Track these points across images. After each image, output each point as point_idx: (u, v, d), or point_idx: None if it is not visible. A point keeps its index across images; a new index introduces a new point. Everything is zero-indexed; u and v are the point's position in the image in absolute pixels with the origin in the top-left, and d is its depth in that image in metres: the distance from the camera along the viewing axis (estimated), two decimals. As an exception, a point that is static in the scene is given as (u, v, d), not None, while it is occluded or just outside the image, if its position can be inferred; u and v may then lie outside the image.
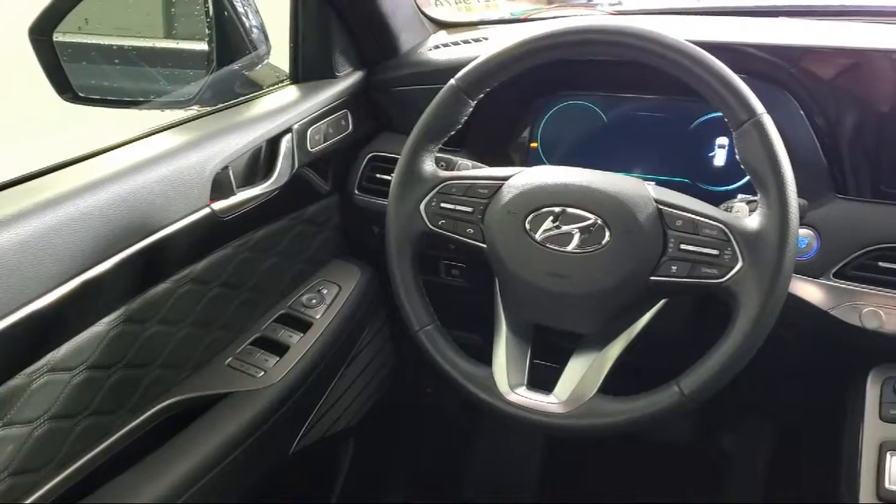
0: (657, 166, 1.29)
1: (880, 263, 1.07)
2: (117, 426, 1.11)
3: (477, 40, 1.43)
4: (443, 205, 1.04)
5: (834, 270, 1.09)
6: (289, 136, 1.27)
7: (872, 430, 1.05)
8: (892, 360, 1.09)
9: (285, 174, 1.27)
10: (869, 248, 1.07)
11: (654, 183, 1.02)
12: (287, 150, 1.27)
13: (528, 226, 0.98)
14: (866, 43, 1.14)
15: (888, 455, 1.01)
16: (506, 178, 1.02)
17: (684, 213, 0.94)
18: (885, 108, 1.08)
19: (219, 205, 1.16)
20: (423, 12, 1.51)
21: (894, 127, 1.08)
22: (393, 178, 1.08)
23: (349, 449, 1.59)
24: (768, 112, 0.92)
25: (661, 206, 0.94)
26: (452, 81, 1.04)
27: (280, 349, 1.30)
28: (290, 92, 1.36)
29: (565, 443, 1.69)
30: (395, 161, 1.09)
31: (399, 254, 1.06)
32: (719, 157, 1.24)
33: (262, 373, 1.26)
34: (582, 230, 0.95)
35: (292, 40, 1.40)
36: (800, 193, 0.94)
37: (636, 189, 0.96)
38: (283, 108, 1.29)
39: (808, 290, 1.09)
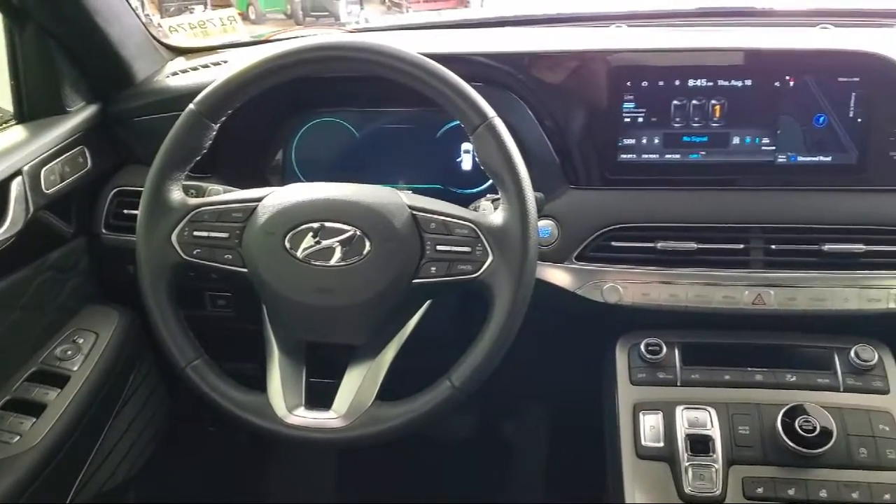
0: (412, 175, 1.34)
1: (613, 243, 1.18)
2: None
3: (216, 64, 1.40)
4: (196, 233, 1.01)
5: (575, 254, 1.18)
6: (19, 178, 1.17)
7: (625, 394, 1.15)
8: (634, 328, 1.21)
9: (19, 220, 1.17)
10: (603, 231, 1.18)
11: (409, 191, 1.05)
12: (19, 195, 1.17)
13: (288, 244, 0.97)
14: (583, 45, 1.25)
15: (641, 415, 1.12)
16: (259, 199, 1.01)
17: (436, 216, 0.98)
18: (604, 105, 1.20)
19: (-57, 261, 1.05)
20: (156, 39, 1.46)
21: (612, 121, 1.20)
22: (139, 210, 1.03)
23: (130, 501, 1.49)
24: (502, 116, 0.99)
25: (414, 212, 0.98)
26: (191, 106, 1.02)
27: (36, 409, 1.20)
28: (16, 132, 1.25)
29: (356, 453, 1.70)
30: (141, 194, 1.04)
31: (154, 290, 1.01)
32: (466, 162, 1.32)
33: (18, 437, 1.15)
34: (343, 243, 0.97)
35: (12, 77, 1.29)
36: (537, 188, 1.02)
37: (390, 198, 1.00)
38: (10, 150, 1.18)
39: (556, 275, 1.18)
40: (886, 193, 1.16)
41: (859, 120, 1.14)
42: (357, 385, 1.00)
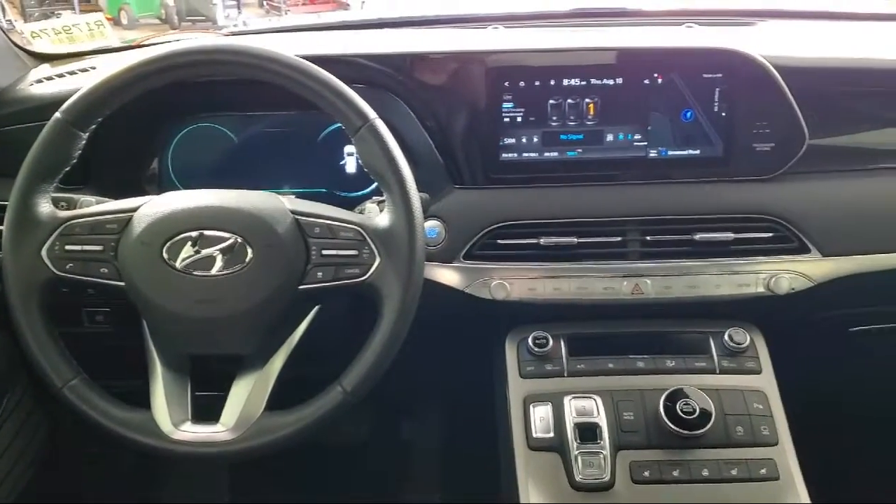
0: (295, 180, 1.32)
1: (499, 241, 1.20)
2: None
3: (84, 70, 1.34)
4: (67, 247, 0.97)
5: (463, 253, 1.20)
6: None
7: (515, 387, 1.17)
8: (522, 323, 1.23)
9: None
10: (488, 229, 1.20)
11: (293, 196, 1.04)
12: None
13: (166, 255, 0.94)
14: (461, 47, 1.26)
15: (531, 407, 1.14)
16: (134, 209, 0.98)
17: (320, 220, 0.97)
18: (483, 105, 1.21)
19: None
20: (18, 45, 1.38)
21: (493, 121, 1.21)
22: (4, 225, 0.97)
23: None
24: (384, 118, 0.99)
25: (297, 217, 0.97)
26: (58, 114, 0.97)
27: None
28: None
29: (249, 465, 1.67)
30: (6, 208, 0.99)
31: (24, 308, 0.96)
32: (350, 165, 1.31)
33: None
34: (223, 251, 0.94)
35: None
36: (422, 189, 1.03)
37: (271, 203, 0.98)
38: None
39: (444, 275, 1.19)
40: (751, 183, 1.22)
41: (723, 114, 1.20)
42: (245, 396, 0.98)
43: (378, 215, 1.00)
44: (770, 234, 1.20)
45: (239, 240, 0.94)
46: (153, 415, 0.97)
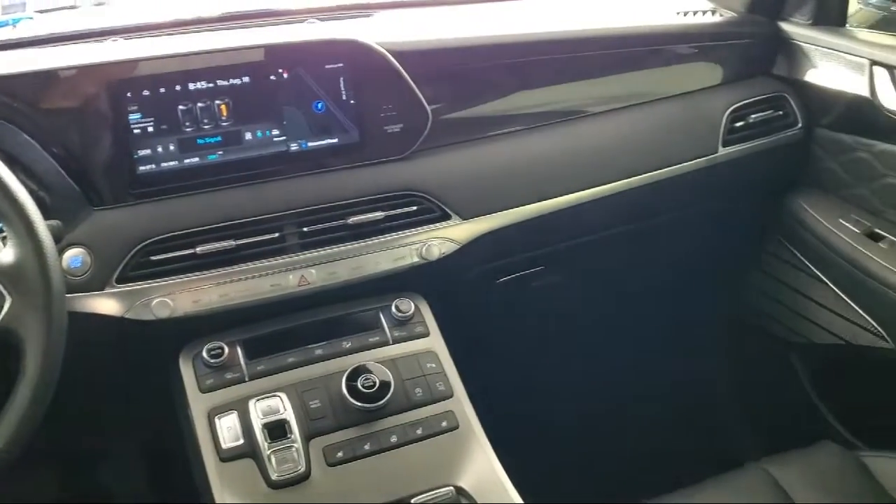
0: None
1: (153, 257, 1.14)
2: None
3: None
4: None
5: (115, 277, 1.12)
6: None
7: (197, 403, 1.14)
8: (194, 337, 1.19)
9: None
10: (138, 247, 1.14)
11: None
12: None
13: None
14: (71, 61, 1.16)
15: (217, 419, 1.12)
16: None
17: None
18: (109, 120, 1.14)
19: None
20: None
21: (122, 135, 1.14)
22: None
23: None
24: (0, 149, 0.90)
25: None
26: None
27: None
28: None
29: None
30: None
31: None
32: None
33: None
34: None
35: None
36: (57, 216, 0.96)
37: None
38: None
39: (98, 304, 1.11)
40: (390, 163, 1.29)
41: (352, 102, 1.25)
42: None
43: (1, 252, 0.91)
44: (415, 208, 1.28)
45: None
46: None
